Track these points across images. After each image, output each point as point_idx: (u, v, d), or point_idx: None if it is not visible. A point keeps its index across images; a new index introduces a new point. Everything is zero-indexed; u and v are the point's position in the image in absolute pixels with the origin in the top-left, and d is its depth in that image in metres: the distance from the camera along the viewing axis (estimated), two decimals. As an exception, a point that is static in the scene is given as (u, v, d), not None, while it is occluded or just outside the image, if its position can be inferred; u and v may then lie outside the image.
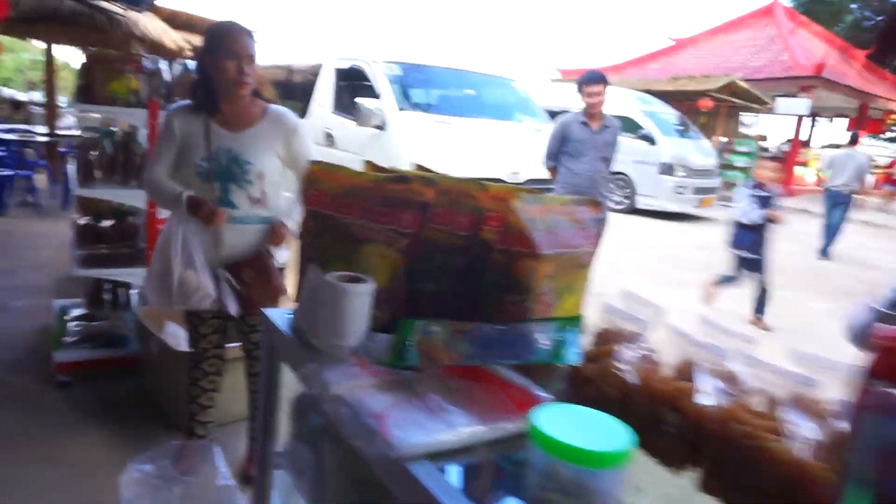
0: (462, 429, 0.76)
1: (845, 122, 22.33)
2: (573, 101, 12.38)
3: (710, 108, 14.82)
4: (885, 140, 26.23)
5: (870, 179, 11.91)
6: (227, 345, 2.48)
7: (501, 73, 7.19)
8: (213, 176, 2.11)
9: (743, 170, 14.25)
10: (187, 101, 2.22)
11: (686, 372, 0.83)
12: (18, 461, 2.56)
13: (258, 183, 2.15)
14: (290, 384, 1.17)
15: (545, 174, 6.02)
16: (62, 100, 13.74)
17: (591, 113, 4.60)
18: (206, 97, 2.14)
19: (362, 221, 1.05)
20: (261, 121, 2.20)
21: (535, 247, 0.99)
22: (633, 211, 11.25)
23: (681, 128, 12.25)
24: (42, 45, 10.11)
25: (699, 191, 11.13)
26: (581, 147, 4.63)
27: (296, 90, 7.18)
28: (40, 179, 8.59)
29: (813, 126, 21.78)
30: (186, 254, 2.08)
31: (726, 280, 5.36)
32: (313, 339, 1.01)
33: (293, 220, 2.24)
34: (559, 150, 4.72)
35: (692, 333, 0.86)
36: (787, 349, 0.83)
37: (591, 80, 4.56)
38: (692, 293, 5.79)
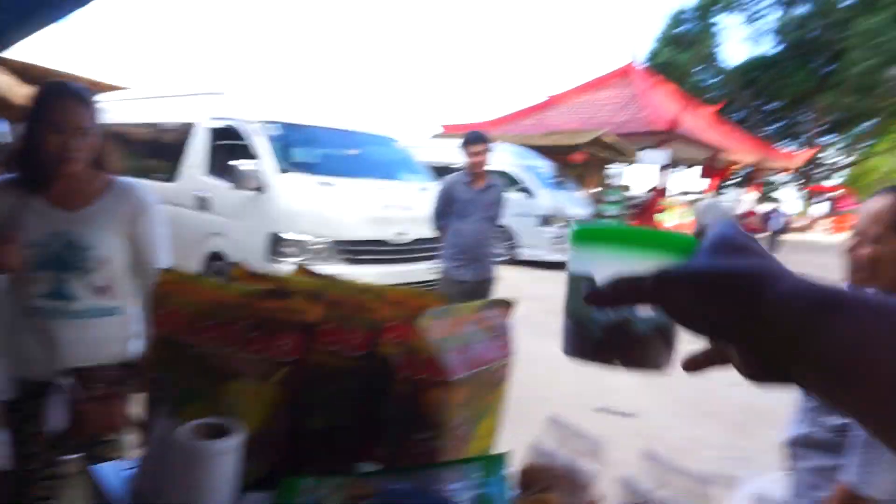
0: None
1: (697, 170, 24.66)
2: (456, 157, 12.64)
3: (581, 161, 15.72)
4: (736, 186, 29.25)
5: None
6: (66, 457, 2.06)
7: (383, 132, 7.13)
8: (40, 265, 1.77)
9: (615, 218, 15.13)
10: (9, 175, 1.87)
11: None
12: None
13: (102, 270, 1.83)
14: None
15: (431, 233, 5.97)
16: None
17: (475, 173, 4.60)
18: (32, 170, 1.81)
19: (228, 350, 0.83)
20: (103, 196, 1.88)
21: (446, 373, 0.81)
22: (516, 262, 11.51)
23: (556, 180, 12.82)
24: None
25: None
26: (466, 207, 4.62)
27: (164, 150, 6.69)
28: None
29: (670, 176, 23.76)
30: None
31: None
32: (162, 514, 0.77)
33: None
34: (445, 211, 4.68)
35: (638, 481, 0.72)
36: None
37: (474, 141, 4.58)
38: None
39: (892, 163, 31.47)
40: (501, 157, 11.92)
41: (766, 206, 21.74)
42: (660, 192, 19.17)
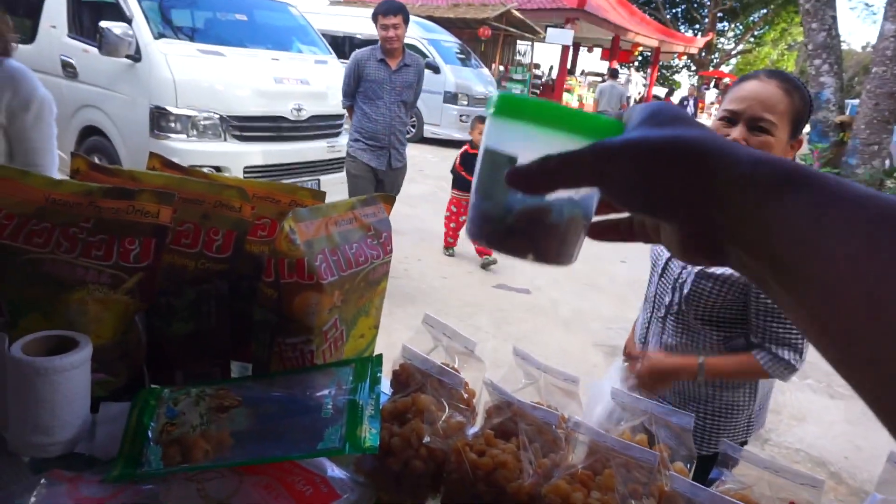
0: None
1: (599, 52, 24.75)
2: (356, 27, 11.90)
3: (488, 37, 15.27)
4: (634, 70, 29.70)
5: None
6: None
7: (276, -6, 6.51)
8: None
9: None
10: None
11: (505, 430, 0.71)
12: None
13: None
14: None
15: (329, 110, 5.66)
16: None
17: (389, 49, 4.09)
18: None
19: (67, 257, 0.74)
20: None
21: (315, 277, 0.77)
22: (420, 140, 11.35)
23: (462, 56, 12.44)
24: None
25: (481, 118, 11.54)
26: (377, 88, 4.14)
27: (19, 5, 5.78)
28: None
29: (576, 55, 23.69)
30: None
31: None
32: (5, 434, 0.71)
33: None
34: (354, 90, 4.24)
35: (505, 387, 0.73)
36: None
37: (388, 11, 4.01)
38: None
39: (779, 53, 32.98)
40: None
41: (664, 91, 22.38)
42: (564, 72, 19.17)
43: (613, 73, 12.44)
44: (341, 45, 11.39)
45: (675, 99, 14.68)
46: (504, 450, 0.68)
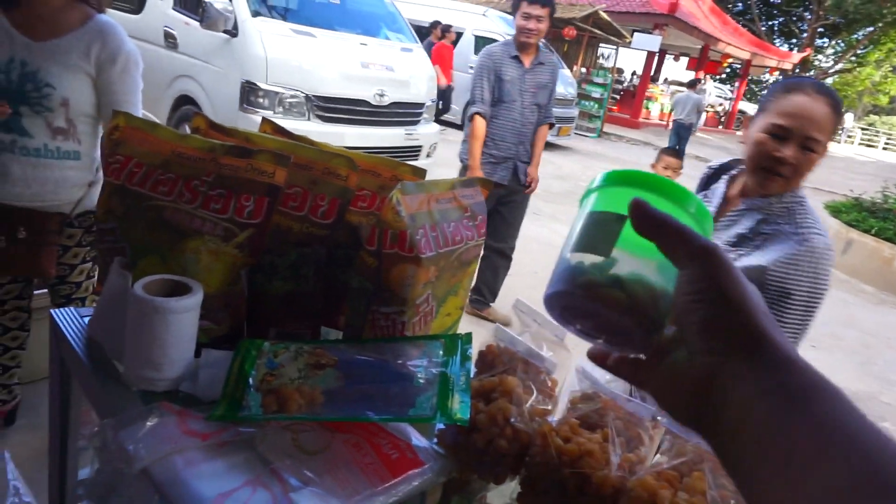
0: (319, 520, 0.58)
1: (686, 61, 24.00)
2: (442, 17, 11.95)
3: (573, 38, 15.04)
4: (720, 82, 28.67)
5: (703, 117, 14.28)
6: (36, 291, 2.06)
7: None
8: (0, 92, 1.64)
9: (598, 101, 14.79)
10: None
11: (590, 422, 0.70)
12: None
13: (62, 111, 1.70)
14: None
15: (410, 97, 5.72)
16: None
17: (525, 43, 3.41)
18: None
19: (188, 207, 0.79)
20: (75, 31, 1.71)
21: (414, 250, 0.79)
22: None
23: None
24: None
25: (559, 120, 11.41)
26: (511, 89, 3.45)
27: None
28: None
29: (661, 63, 23.06)
30: None
31: None
32: (116, 365, 0.76)
33: None
34: (488, 94, 3.46)
35: (599, 375, 0.73)
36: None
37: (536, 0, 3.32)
38: (552, 225, 5.97)
39: (882, 75, 31.06)
40: (492, 24, 11.33)
41: (752, 107, 21.42)
42: (647, 80, 18.69)
43: (692, 84, 12.43)
44: (426, 34, 11.49)
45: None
46: (590, 439, 0.68)
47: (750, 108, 26.46)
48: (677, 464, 0.66)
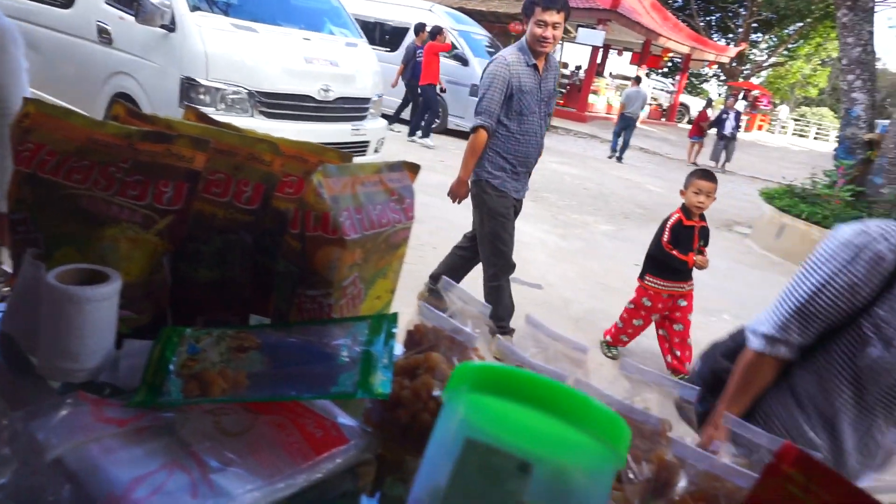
0: (240, 498, 0.58)
1: (628, 55, 24.59)
2: (385, 13, 11.86)
3: (519, 33, 15.20)
4: (662, 76, 29.47)
5: (647, 109, 16.57)
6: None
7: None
8: None
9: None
10: None
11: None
12: None
13: None
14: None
15: (356, 93, 5.69)
16: None
17: (540, 52, 3.14)
18: None
19: (104, 194, 0.77)
20: None
21: (339, 232, 0.80)
22: (445, 131, 11.36)
23: (492, 50, 12.40)
24: None
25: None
26: (529, 100, 3.18)
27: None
28: None
29: (605, 57, 23.52)
30: None
31: None
32: (32, 359, 0.74)
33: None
34: (499, 105, 3.15)
35: (518, 348, 0.75)
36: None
37: (552, 5, 3.03)
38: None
39: (811, 68, 32.47)
40: (437, 20, 11.34)
41: (697, 101, 22.10)
42: (593, 74, 19.04)
43: (638, 80, 13.38)
44: (372, 30, 11.42)
45: (713, 113, 14.41)
46: (511, 409, 0.70)
47: (690, 100, 27.29)
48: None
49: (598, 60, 19.68)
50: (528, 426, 0.30)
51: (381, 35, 12.00)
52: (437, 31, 10.06)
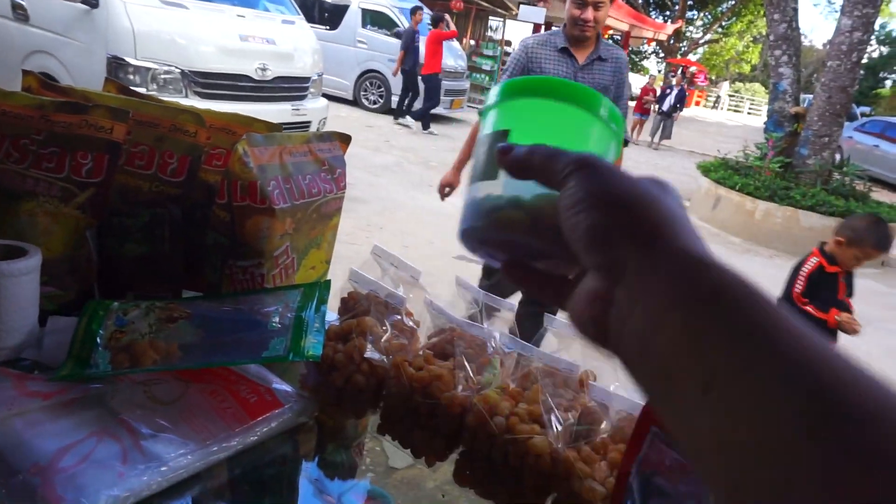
0: (173, 462, 0.58)
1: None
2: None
3: (460, 10, 15.13)
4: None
5: None
6: None
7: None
8: None
9: (489, 73, 15.02)
10: None
11: (444, 352, 0.75)
12: None
13: None
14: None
15: (295, 72, 5.56)
16: None
17: (578, 36, 2.62)
18: None
19: (17, 167, 0.75)
20: None
21: (267, 202, 0.80)
22: (389, 111, 11.26)
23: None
24: None
25: (450, 92, 11.49)
26: None
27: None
28: None
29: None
30: None
31: None
32: (-51, 339, 0.72)
33: None
34: None
35: (447, 308, 0.77)
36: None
37: None
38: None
39: (744, 45, 33.55)
40: (376, -3, 11.17)
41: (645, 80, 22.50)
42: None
43: None
44: (310, 8, 11.15)
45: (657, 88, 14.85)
46: (441, 366, 0.72)
47: (632, 77, 27.80)
48: (520, 379, 0.72)
49: (540, 38, 19.77)
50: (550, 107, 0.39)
51: (321, 13, 11.73)
52: (439, 19, 9.80)
